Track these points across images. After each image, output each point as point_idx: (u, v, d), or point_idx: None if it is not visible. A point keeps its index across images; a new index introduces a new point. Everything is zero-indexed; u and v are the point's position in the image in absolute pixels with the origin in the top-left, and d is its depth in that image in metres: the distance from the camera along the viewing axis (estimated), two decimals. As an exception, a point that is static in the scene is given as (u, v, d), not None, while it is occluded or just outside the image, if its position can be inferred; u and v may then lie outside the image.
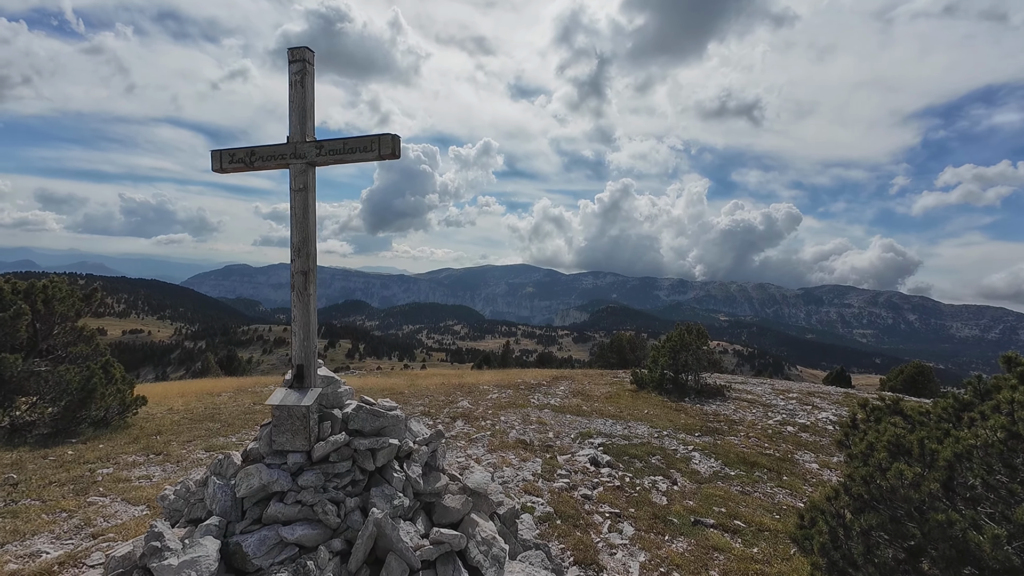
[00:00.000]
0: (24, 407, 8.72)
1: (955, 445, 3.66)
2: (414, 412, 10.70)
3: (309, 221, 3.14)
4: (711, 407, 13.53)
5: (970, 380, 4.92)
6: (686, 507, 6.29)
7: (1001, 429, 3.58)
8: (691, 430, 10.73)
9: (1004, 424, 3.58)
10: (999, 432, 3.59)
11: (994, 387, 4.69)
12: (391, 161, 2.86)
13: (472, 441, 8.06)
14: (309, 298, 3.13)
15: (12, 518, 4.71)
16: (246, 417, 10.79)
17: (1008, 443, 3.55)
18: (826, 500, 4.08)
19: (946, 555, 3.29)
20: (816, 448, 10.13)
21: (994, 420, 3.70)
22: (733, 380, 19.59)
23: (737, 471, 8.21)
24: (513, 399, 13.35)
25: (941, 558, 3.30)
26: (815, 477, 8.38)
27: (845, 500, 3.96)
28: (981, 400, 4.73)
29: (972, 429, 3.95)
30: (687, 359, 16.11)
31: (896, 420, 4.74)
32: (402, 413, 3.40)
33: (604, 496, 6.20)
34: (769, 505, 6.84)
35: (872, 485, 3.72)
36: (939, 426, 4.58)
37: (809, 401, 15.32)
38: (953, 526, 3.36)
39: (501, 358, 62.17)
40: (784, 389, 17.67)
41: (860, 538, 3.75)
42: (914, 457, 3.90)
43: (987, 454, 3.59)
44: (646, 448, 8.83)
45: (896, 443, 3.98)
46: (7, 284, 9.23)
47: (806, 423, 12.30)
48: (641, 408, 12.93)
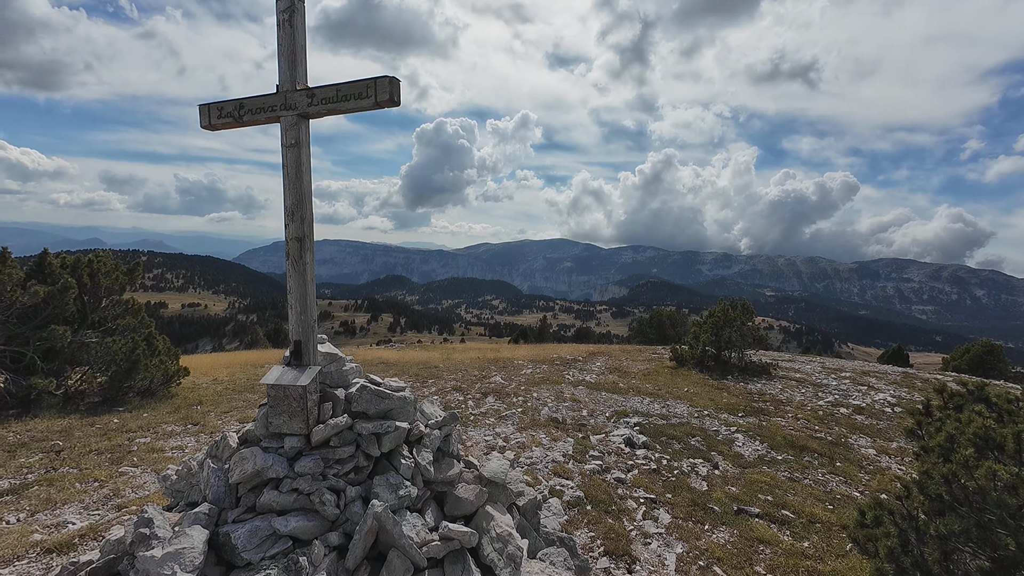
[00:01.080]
0: (75, 377, 9.10)
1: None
2: (445, 387, 10.61)
3: (303, 181, 2.84)
4: (756, 386, 12.86)
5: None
6: (728, 494, 5.86)
7: (1122, 424, 2.97)
8: (734, 410, 10.18)
9: None
10: (1120, 428, 2.99)
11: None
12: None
13: (502, 419, 7.84)
14: (306, 267, 2.85)
15: (48, 486, 4.83)
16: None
17: None
18: (896, 499, 3.58)
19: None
20: (873, 432, 9.40)
21: (1110, 413, 3.09)
22: (780, 358, 18.67)
23: (784, 455, 7.68)
24: (547, 375, 13.09)
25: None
26: (872, 464, 7.74)
27: (919, 500, 3.45)
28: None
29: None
30: (730, 335, 15.35)
31: (980, 408, 4.11)
32: (411, 394, 3.12)
33: (639, 480, 5.85)
34: (821, 494, 6.33)
35: (955, 485, 3.20)
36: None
37: (864, 381, 14.33)
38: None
39: (538, 333, 62.17)
40: (836, 368, 16.65)
41: (936, 544, 3.26)
42: (1008, 454, 3.33)
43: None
44: (685, 429, 8.39)
45: (984, 436, 3.41)
46: (56, 259, 9.57)
47: (861, 404, 11.49)
48: (680, 386, 12.41)
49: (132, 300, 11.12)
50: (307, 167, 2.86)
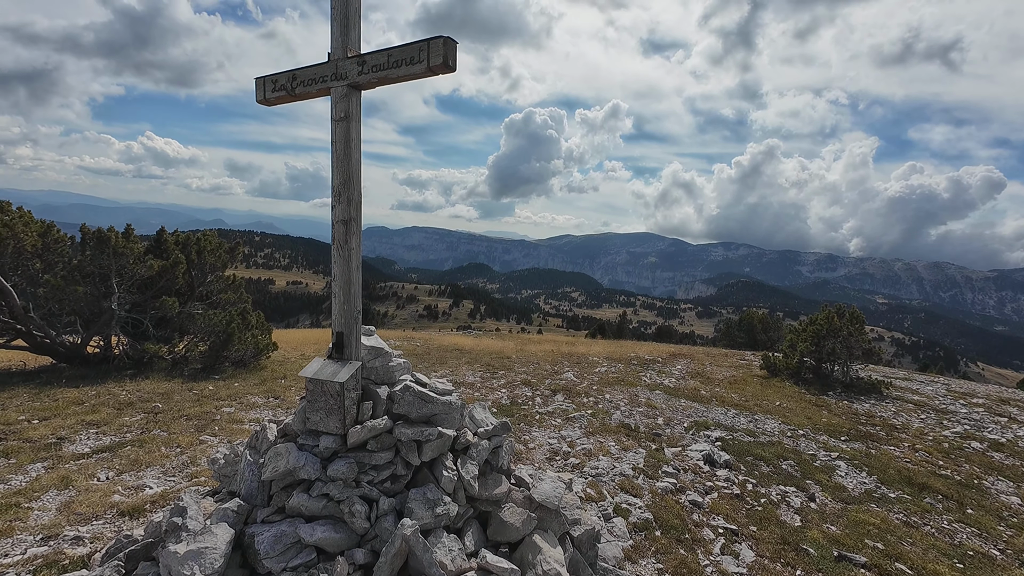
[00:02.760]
0: (181, 345, 9.98)
1: None
2: (515, 380, 10.39)
3: (352, 159, 2.64)
4: (863, 406, 11.36)
5: None
6: (827, 534, 5.06)
7: None
8: (836, 432, 8.99)
9: None
10: None
11: None
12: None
13: (569, 420, 7.44)
14: (351, 253, 2.65)
15: (138, 447, 5.23)
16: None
17: None
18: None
19: None
20: (1017, 476, 7.84)
21: None
22: (893, 375, 16.48)
23: (899, 493, 6.58)
24: (623, 375, 12.47)
25: None
26: (1016, 516, 6.41)
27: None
28: None
29: None
30: (834, 346, 13.71)
31: None
32: (458, 399, 2.84)
33: (718, 505, 5.21)
34: (946, 546, 5.29)
35: None
36: None
37: (1003, 411, 12.17)
38: None
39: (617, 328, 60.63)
40: (965, 392, 14.35)
41: None
42: None
43: None
44: (776, 449, 7.49)
45: None
46: (170, 236, 10.52)
47: (1000, 440, 9.70)
48: (772, 399, 11.25)
49: (233, 276, 12.04)
50: (357, 144, 2.66)
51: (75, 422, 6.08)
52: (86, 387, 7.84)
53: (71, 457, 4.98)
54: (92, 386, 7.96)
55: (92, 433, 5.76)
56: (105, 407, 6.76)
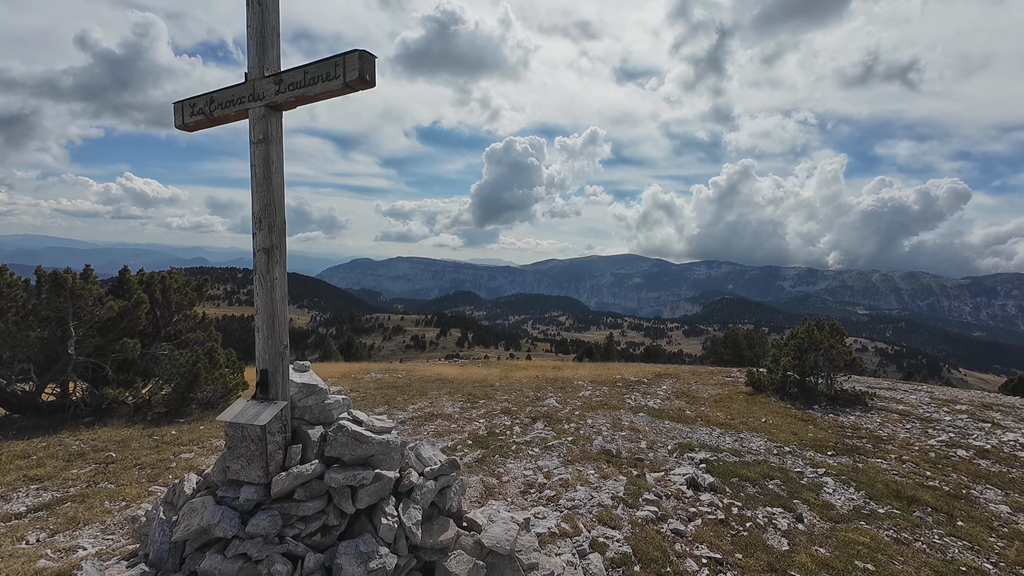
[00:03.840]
0: (144, 388, 9.55)
1: None
2: (495, 409, 10.11)
3: (273, 183, 2.48)
4: (849, 418, 11.26)
5: None
6: (816, 557, 4.84)
7: None
8: (822, 447, 8.84)
9: None
10: None
11: None
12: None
13: (548, 449, 7.17)
14: (274, 283, 2.46)
15: (79, 503, 4.85)
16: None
17: None
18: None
19: None
20: (1005, 483, 7.73)
21: None
22: (877, 385, 16.50)
23: (888, 508, 6.40)
24: (607, 398, 12.25)
25: None
26: (1007, 525, 6.25)
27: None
28: None
29: None
30: (816, 359, 13.69)
31: None
32: (396, 437, 2.62)
33: (702, 532, 4.97)
34: (938, 563, 5.10)
35: None
36: None
37: (986, 416, 12.17)
38: None
39: (604, 350, 60.56)
40: (949, 399, 14.37)
41: None
42: None
43: None
44: (761, 468, 7.29)
45: None
46: (133, 276, 10.19)
47: (985, 446, 9.63)
48: (757, 416, 11.10)
49: (202, 314, 11.66)
50: (278, 167, 2.50)
51: (16, 478, 5.65)
52: (36, 438, 7.38)
53: (2, 518, 4.59)
54: (43, 437, 7.50)
55: (33, 489, 5.35)
56: (53, 460, 6.33)
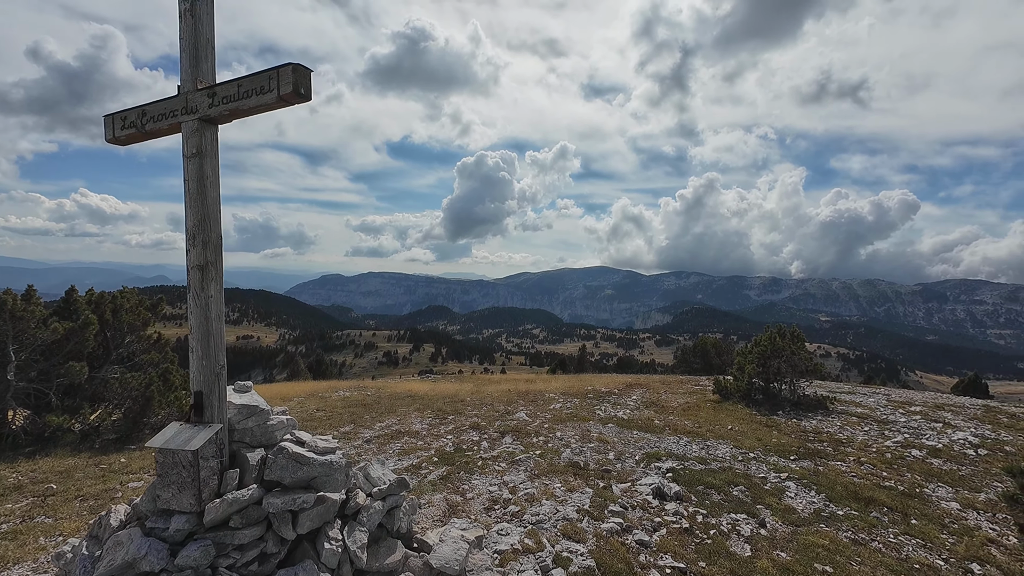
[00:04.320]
0: (92, 414, 9.07)
1: None
2: (464, 424, 9.99)
3: (207, 198, 2.40)
4: (810, 423, 11.55)
5: None
6: (777, 562, 4.91)
7: None
8: (785, 452, 9.03)
9: None
10: None
11: None
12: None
13: (514, 464, 7.10)
14: (210, 301, 2.37)
15: (10, 541, 4.52)
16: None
17: None
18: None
19: None
20: (955, 480, 8.04)
21: None
22: (838, 389, 17.02)
23: (847, 509, 6.56)
24: (577, 410, 12.27)
25: None
26: (957, 522, 6.49)
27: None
28: None
29: None
30: (779, 366, 14.06)
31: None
32: (341, 457, 2.54)
33: (666, 543, 4.98)
34: (893, 562, 5.24)
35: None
36: None
37: (938, 417, 12.67)
38: None
39: (578, 362, 60.88)
40: (903, 401, 14.92)
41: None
42: None
43: None
44: (726, 475, 7.39)
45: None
46: (82, 296, 9.73)
47: (937, 446, 10.01)
48: (724, 423, 11.29)
49: (157, 334, 11.21)
50: (213, 181, 2.42)
51: (-58, 516, 5.26)
52: (-31, 472, 6.90)
53: (-76, 561, 4.24)
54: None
55: (-39, 528, 4.98)
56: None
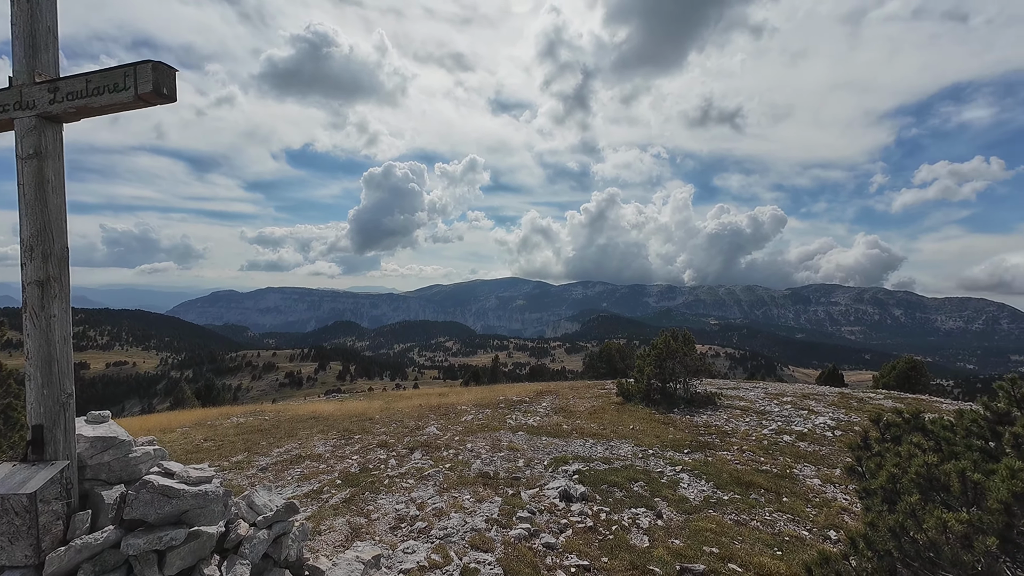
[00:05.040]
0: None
1: (1011, 480, 2.69)
2: (371, 443, 9.62)
3: (49, 205, 2.11)
4: (702, 418, 12.58)
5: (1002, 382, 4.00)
6: (671, 549, 5.27)
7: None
8: (680, 446, 9.75)
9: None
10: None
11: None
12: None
13: (423, 479, 6.97)
14: (51, 321, 2.07)
15: None
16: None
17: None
18: (843, 557, 3.10)
19: (1019, 644, 2.33)
20: (816, 460, 9.19)
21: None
22: (725, 386, 18.72)
23: (731, 494, 7.22)
24: (488, 420, 12.30)
25: (1012, 648, 2.34)
26: (818, 495, 7.42)
27: (867, 556, 2.99)
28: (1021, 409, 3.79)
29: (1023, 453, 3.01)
30: (674, 367, 15.19)
31: (919, 439, 3.78)
32: (218, 487, 2.34)
33: (572, 543, 5.16)
34: (768, 537, 5.85)
35: (904, 539, 2.76)
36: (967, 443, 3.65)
37: (804, 405, 14.41)
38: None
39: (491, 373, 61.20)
40: (778, 393, 16.78)
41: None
42: (954, 495, 2.94)
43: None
44: (628, 473, 7.82)
45: (928, 477, 3.02)
46: None
47: (803, 430, 11.38)
48: (627, 423, 11.93)
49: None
50: (56, 186, 2.13)
51: None
52: None
53: None
54: None
55: None
56: None
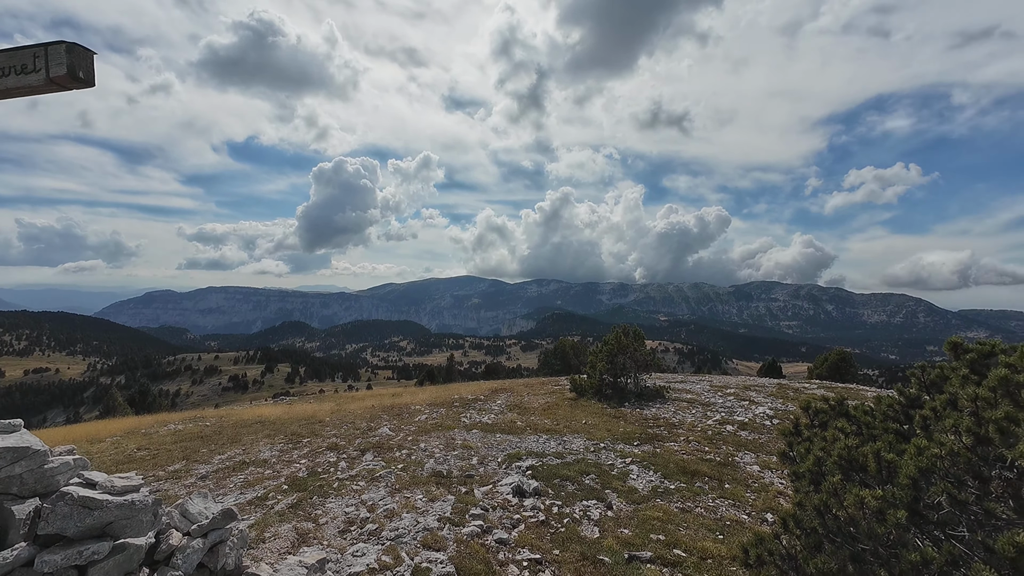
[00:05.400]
0: None
1: (918, 457, 2.95)
2: (321, 446, 9.35)
3: None
4: (651, 411, 12.99)
5: (914, 370, 4.36)
6: (620, 538, 5.44)
7: (967, 433, 2.92)
8: (630, 439, 10.04)
9: (970, 427, 2.92)
10: (965, 437, 2.93)
11: (940, 377, 4.12)
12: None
13: (374, 480, 6.85)
14: None
15: None
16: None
17: (977, 450, 2.89)
18: (773, 536, 3.31)
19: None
20: (756, 447, 9.70)
21: (954, 420, 3.05)
22: (673, 380, 19.40)
23: (677, 483, 7.52)
24: (443, 420, 12.22)
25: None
26: (757, 481, 7.84)
27: (796, 534, 3.19)
28: (930, 394, 4.15)
29: (931, 433, 3.29)
30: (625, 362, 15.61)
31: (843, 424, 4.06)
32: (147, 495, 2.22)
33: (524, 537, 5.22)
34: (711, 522, 6.14)
35: (827, 516, 2.97)
36: (885, 426, 3.96)
37: (746, 396, 15.16)
38: (929, 565, 2.64)
39: (446, 372, 60.81)
40: (722, 385, 17.58)
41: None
42: (871, 474, 3.19)
43: (954, 465, 2.92)
44: (580, 466, 7.98)
45: (848, 458, 3.25)
46: None
47: (744, 420, 11.97)
48: (579, 418, 12.17)
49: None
50: None
51: None
52: None
53: None
54: None
55: None
56: None
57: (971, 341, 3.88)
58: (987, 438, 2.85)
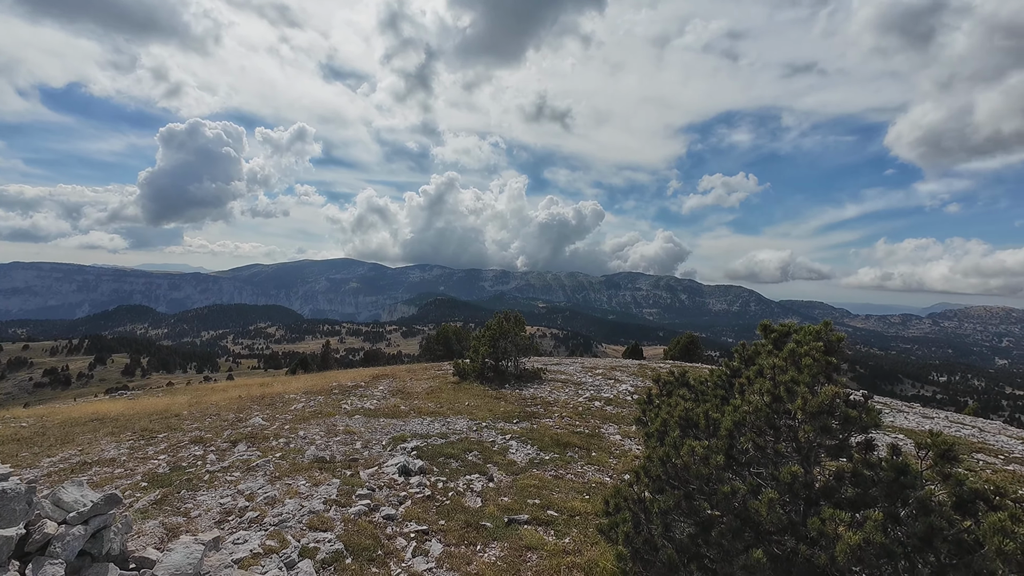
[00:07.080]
0: None
1: (733, 414, 3.74)
2: (182, 440, 8.57)
3: None
4: (529, 391, 13.85)
5: (737, 348, 5.38)
6: (500, 506, 5.92)
7: (767, 393, 3.77)
8: (510, 418, 10.68)
9: (768, 388, 3.77)
10: (766, 396, 3.78)
11: (754, 353, 5.14)
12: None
13: (251, 470, 6.54)
14: None
15: None
16: None
17: (772, 406, 3.74)
18: (628, 485, 3.96)
19: (732, 526, 3.32)
20: (619, 419, 10.93)
21: (759, 384, 3.91)
22: (549, 362, 20.74)
23: (552, 455, 8.26)
24: (321, 407, 11.82)
25: (728, 529, 3.32)
26: (619, 448, 8.90)
27: (645, 483, 3.87)
28: (747, 366, 5.15)
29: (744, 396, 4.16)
30: (506, 346, 16.37)
31: (684, 392, 4.88)
32: (17, 484, 2.07)
33: (411, 512, 5.46)
34: (579, 485, 6.91)
35: (668, 465, 3.65)
36: (715, 393, 4.86)
37: (612, 375, 16.82)
38: (736, 495, 3.39)
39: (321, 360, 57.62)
40: (592, 366, 19.24)
41: (659, 519, 3.67)
42: (701, 429, 3.96)
43: (757, 418, 3.75)
44: (463, 445, 8.38)
45: (686, 418, 4.00)
46: None
47: (610, 396, 13.35)
48: (462, 400, 12.58)
49: None
50: None
51: None
52: None
53: None
54: None
55: None
56: None
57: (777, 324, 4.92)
58: (779, 396, 3.72)
